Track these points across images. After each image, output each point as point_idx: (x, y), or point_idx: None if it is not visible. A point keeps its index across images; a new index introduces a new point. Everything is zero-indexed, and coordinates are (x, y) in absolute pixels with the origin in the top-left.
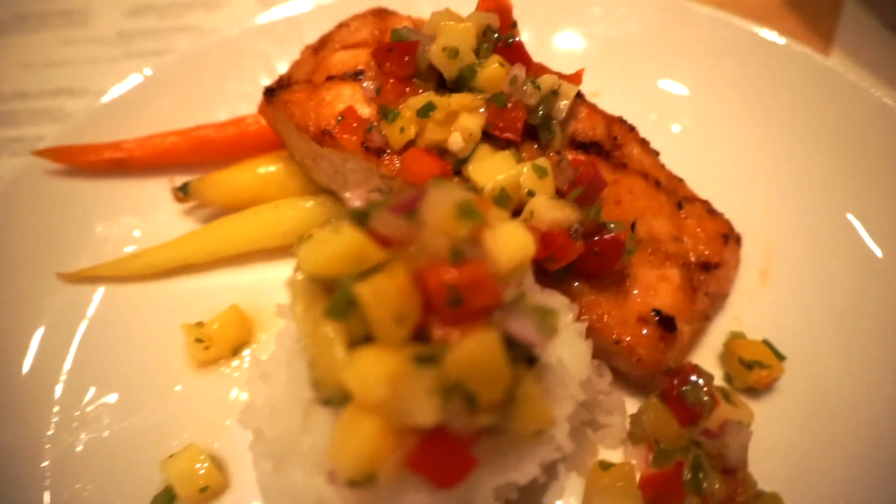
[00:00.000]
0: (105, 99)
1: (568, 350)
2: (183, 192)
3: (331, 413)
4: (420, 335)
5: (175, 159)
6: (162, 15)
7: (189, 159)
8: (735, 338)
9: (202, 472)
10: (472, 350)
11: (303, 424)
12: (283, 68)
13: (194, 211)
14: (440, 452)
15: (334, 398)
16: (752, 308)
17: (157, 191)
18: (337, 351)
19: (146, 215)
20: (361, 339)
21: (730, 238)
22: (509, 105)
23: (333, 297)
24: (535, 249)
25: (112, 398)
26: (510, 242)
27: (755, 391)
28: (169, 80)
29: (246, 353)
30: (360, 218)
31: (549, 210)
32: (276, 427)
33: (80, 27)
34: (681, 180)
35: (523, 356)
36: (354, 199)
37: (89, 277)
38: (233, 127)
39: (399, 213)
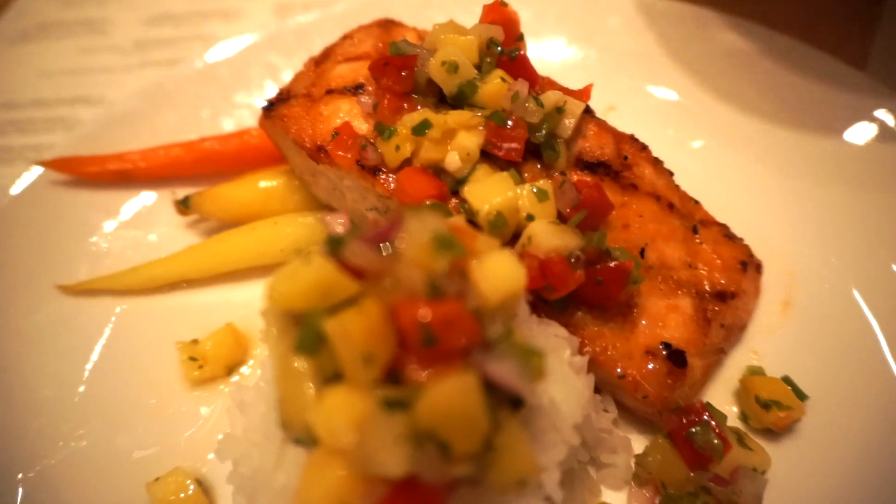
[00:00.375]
0: (114, 109)
1: (563, 390)
2: (184, 206)
3: (304, 452)
4: (395, 375)
5: (179, 171)
6: (179, 24)
7: (193, 171)
8: (752, 374)
9: (188, 497)
10: (446, 396)
11: (276, 461)
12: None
13: (196, 224)
14: (412, 503)
15: (303, 438)
16: (772, 342)
17: (161, 203)
18: (306, 389)
19: (148, 228)
20: (333, 375)
21: (749, 266)
22: (510, 123)
23: (302, 331)
24: (525, 281)
25: (100, 415)
26: (498, 274)
27: (773, 433)
28: (178, 90)
29: (245, 370)
30: (335, 246)
31: (548, 236)
32: (250, 462)
33: (99, 35)
34: (697, 202)
35: (507, 399)
36: (335, 224)
37: (88, 290)
38: (236, 139)
39: (373, 244)
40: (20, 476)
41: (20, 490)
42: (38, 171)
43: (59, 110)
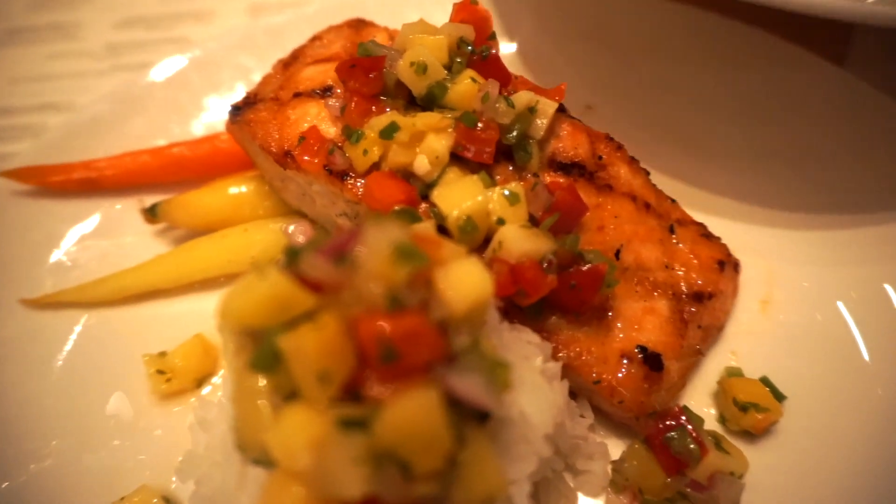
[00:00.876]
0: (81, 115)
1: (533, 400)
2: (152, 214)
3: (266, 472)
4: (355, 392)
5: (147, 178)
6: (151, 27)
7: (162, 178)
8: (731, 375)
9: None
10: (406, 414)
11: (238, 481)
12: None
13: (165, 232)
14: None
15: (261, 459)
16: (750, 342)
17: (128, 212)
18: (262, 408)
19: (115, 237)
20: (291, 393)
21: (727, 265)
22: (480, 125)
23: (257, 349)
24: (492, 289)
25: (66, 433)
26: (464, 283)
27: (751, 435)
28: (147, 94)
29: (216, 380)
30: (293, 258)
31: (519, 240)
32: (212, 482)
33: (69, 40)
34: (674, 202)
35: (473, 413)
36: (297, 234)
37: (53, 303)
38: (206, 144)
39: (330, 256)
40: None
41: None
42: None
43: (28, 118)
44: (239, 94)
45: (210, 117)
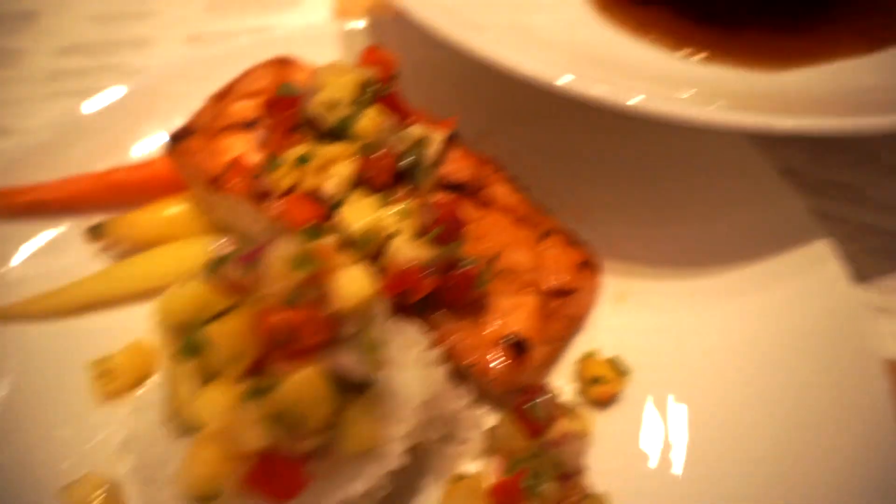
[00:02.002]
0: (24, 141)
1: (408, 376)
2: (95, 233)
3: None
4: (262, 370)
5: (90, 202)
6: (91, 53)
7: (104, 201)
8: (586, 357)
9: (100, 499)
10: (296, 383)
11: (171, 453)
12: None
13: (106, 251)
14: (274, 472)
15: (187, 429)
16: (607, 328)
17: (71, 232)
18: (185, 387)
19: (60, 256)
20: (213, 374)
21: (589, 265)
22: (379, 153)
23: (182, 340)
24: (373, 290)
25: (11, 433)
26: (350, 285)
27: (603, 403)
28: (88, 121)
29: (154, 380)
30: (215, 266)
31: (406, 249)
32: (149, 454)
33: (9, 68)
34: (548, 213)
35: (355, 383)
36: (223, 248)
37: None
38: (144, 169)
39: (243, 264)
40: None
41: None
42: None
43: None
44: (176, 121)
45: (149, 143)
